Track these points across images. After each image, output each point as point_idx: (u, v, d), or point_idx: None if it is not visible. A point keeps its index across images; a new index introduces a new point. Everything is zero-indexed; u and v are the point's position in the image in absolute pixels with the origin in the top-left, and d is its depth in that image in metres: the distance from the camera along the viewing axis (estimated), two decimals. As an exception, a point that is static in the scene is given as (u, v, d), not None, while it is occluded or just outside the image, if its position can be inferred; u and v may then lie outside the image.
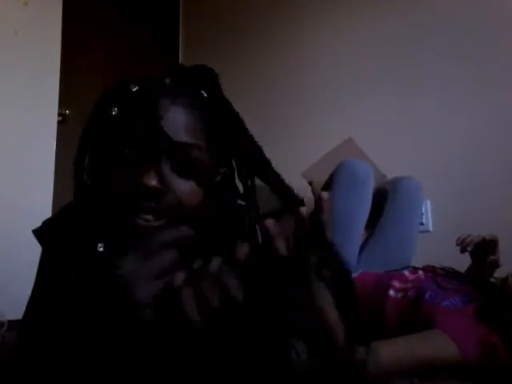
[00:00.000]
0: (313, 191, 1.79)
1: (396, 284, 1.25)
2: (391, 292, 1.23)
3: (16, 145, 1.94)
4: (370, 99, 2.22)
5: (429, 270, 1.33)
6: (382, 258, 1.60)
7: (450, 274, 1.31)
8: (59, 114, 2.14)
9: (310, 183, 1.93)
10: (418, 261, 1.53)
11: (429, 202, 2.02)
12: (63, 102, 2.15)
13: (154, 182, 0.57)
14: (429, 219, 2.01)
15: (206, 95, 0.67)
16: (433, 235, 1.99)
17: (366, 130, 2.19)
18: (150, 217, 0.58)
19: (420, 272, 1.30)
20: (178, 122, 0.61)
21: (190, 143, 0.61)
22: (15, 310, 0.63)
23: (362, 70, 2.27)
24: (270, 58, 2.57)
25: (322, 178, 1.79)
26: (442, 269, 1.35)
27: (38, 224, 0.66)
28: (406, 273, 1.31)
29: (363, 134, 2.19)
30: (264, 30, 2.61)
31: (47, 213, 1.90)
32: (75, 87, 2.25)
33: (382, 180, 1.88)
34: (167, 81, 0.64)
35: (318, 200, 0.55)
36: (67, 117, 2.19)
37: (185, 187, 0.61)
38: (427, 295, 1.15)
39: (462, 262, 1.39)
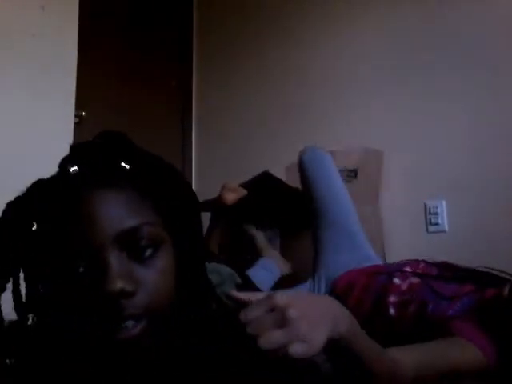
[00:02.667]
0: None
1: (392, 299, 1.22)
2: (391, 311, 1.20)
3: (33, 147, 1.97)
4: (384, 98, 2.21)
5: (419, 272, 1.29)
6: (335, 239, 1.57)
7: (443, 272, 1.27)
8: (76, 116, 2.16)
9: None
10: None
11: (444, 202, 2.00)
12: (79, 103, 2.18)
13: (119, 285, 0.49)
14: (444, 219, 1.99)
15: (127, 167, 0.56)
16: (448, 235, 1.98)
17: (380, 129, 2.18)
18: (129, 323, 0.50)
19: (410, 276, 1.26)
20: (112, 208, 0.52)
21: (136, 225, 0.52)
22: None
23: (375, 70, 2.26)
24: (282, 58, 2.57)
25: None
26: (435, 264, 1.32)
27: None
28: (397, 281, 1.27)
29: (376, 133, 2.19)
30: (277, 29, 2.61)
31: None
32: (91, 89, 2.27)
33: None
34: (73, 170, 0.54)
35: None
36: (83, 118, 2.22)
37: (151, 274, 0.52)
38: (429, 308, 1.13)
39: (479, 262, 1.37)
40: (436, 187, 2.02)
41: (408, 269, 1.32)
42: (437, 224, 1.99)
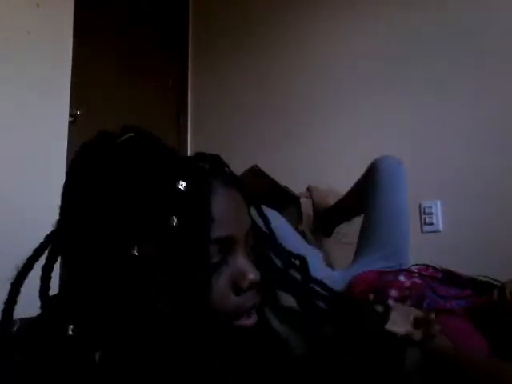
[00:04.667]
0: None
1: (393, 293, 1.24)
2: (390, 303, 1.22)
3: (27, 145, 1.96)
4: (381, 98, 2.21)
5: (425, 273, 1.31)
6: (375, 248, 1.55)
7: (447, 277, 1.29)
8: (71, 115, 2.16)
9: (309, 189, 1.93)
10: (427, 261, 1.52)
11: (439, 202, 2.01)
12: (74, 102, 2.18)
13: (258, 276, 0.51)
14: (439, 219, 2.00)
15: (228, 171, 0.59)
16: (443, 235, 1.98)
17: (378, 129, 2.19)
18: (253, 312, 0.53)
19: (415, 276, 1.29)
20: (243, 206, 0.54)
21: (251, 226, 0.55)
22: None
23: (373, 70, 2.27)
24: (278, 58, 2.56)
25: None
26: (440, 270, 1.34)
27: (49, 224, 0.59)
28: (402, 278, 1.29)
29: (374, 134, 2.19)
30: (273, 29, 2.61)
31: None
32: (86, 87, 2.27)
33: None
34: (207, 166, 0.55)
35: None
36: (78, 117, 2.21)
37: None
38: (425, 303, 1.14)
39: (473, 263, 1.39)
40: (431, 187, 2.03)
41: (415, 270, 1.34)
42: (431, 224, 2.00)
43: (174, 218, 0.46)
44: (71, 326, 0.46)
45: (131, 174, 0.49)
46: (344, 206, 1.80)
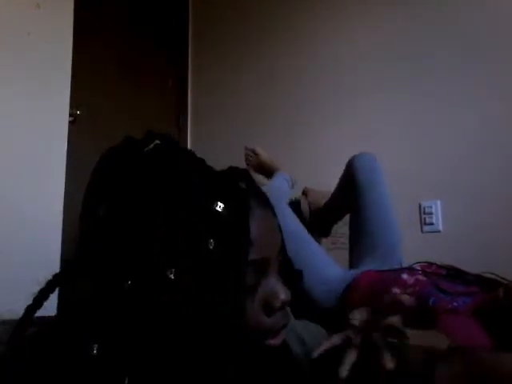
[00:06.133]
0: None
1: (396, 291, 1.22)
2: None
3: (27, 145, 1.96)
4: (382, 98, 2.21)
5: (428, 271, 1.31)
6: (369, 248, 1.54)
7: (452, 274, 1.28)
8: (70, 115, 2.16)
9: (304, 191, 1.92)
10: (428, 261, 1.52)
11: (439, 202, 2.01)
12: (74, 102, 2.18)
13: (289, 295, 0.52)
14: (439, 219, 2.00)
15: (260, 189, 0.58)
16: (443, 235, 1.98)
17: (377, 130, 2.19)
18: (284, 331, 0.54)
19: (419, 274, 1.28)
20: (275, 224, 0.54)
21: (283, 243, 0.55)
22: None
23: (373, 70, 2.27)
24: (278, 58, 2.56)
25: None
26: (444, 267, 1.33)
27: (49, 224, 0.56)
28: (405, 276, 1.27)
29: (373, 134, 2.19)
30: (272, 30, 2.61)
31: (59, 212, 1.92)
32: (86, 87, 2.27)
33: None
34: (243, 186, 0.52)
35: None
36: (78, 117, 2.21)
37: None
38: (431, 301, 1.13)
39: (473, 263, 1.38)
40: (431, 187, 2.03)
41: (418, 267, 1.33)
42: (431, 224, 2.00)
43: (212, 241, 0.45)
44: (96, 346, 0.44)
45: (163, 191, 0.46)
46: (332, 206, 1.81)
